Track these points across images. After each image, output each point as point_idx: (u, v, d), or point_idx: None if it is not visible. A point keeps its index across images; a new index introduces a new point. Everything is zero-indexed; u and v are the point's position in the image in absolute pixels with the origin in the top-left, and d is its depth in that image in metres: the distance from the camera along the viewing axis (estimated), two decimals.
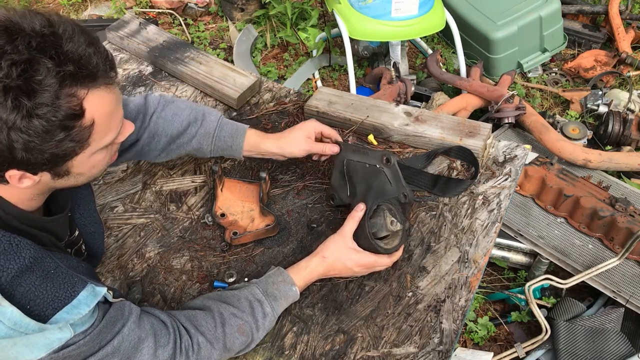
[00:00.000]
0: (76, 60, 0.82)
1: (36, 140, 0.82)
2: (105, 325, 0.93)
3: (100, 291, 0.91)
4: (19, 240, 0.86)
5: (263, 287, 1.16)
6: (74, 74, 0.82)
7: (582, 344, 1.87)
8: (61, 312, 0.86)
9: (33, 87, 0.79)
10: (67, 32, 0.83)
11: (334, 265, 1.21)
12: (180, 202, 1.45)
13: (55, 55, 0.80)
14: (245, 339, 1.11)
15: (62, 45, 0.82)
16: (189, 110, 1.34)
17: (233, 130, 1.36)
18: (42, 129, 0.81)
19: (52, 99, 0.80)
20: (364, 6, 2.54)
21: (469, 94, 2.59)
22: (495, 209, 1.39)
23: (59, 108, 0.81)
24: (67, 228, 1.08)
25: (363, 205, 1.23)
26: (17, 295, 0.83)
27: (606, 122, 2.57)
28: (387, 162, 1.27)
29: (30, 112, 0.79)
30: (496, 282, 2.22)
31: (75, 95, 0.83)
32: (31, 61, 0.79)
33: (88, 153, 0.90)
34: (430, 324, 1.21)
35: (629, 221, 1.94)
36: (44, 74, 0.79)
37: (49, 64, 0.80)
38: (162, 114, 1.32)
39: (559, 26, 3.01)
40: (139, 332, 0.98)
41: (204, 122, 1.34)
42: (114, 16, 3.36)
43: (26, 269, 0.85)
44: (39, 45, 0.80)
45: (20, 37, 0.79)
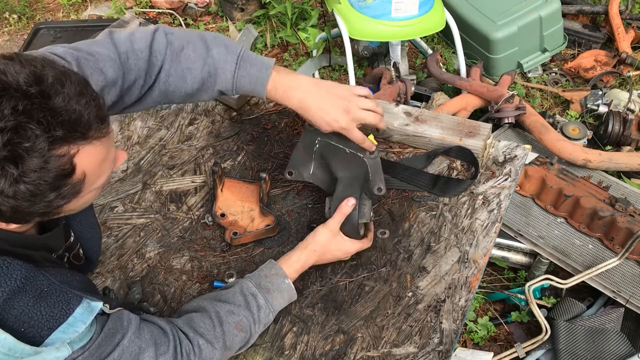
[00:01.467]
0: (65, 121, 0.78)
1: (25, 204, 0.79)
2: (104, 338, 0.92)
3: (96, 306, 0.89)
4: (8, 262, 0.83)
5: (256, 280, 1.17)
6: (64, 137, 0.78)
7: (582, 344, 1.87)
8: (57, 332, 0.84)
9: (20, 154, 0.75)
10: (54, 85, 0.78)
11: (324, 256, 1.24)
12: (180, 202, 1.45)
13: (43, 119, 0.75)
14: (244, 335, 1.11)
15: (51, 104, 0.77)
16: (201, 63, 1.16)
17: (251, 86, 1.20)
18: (30, 193, 0.78)
19: (41, 164, 0.77)
20: (364, 6, 2.54)
21: (469, 94, 2.59)
22: (495, 209, 1.39)
23: (48, 171, 0.78)
24: (62, 239, 1.06)
25: (354, 201, 1.24)
26: (11, 319, 0.82)
27: (606, 122, 2.57)
28: (371, 153, 1.28)
29: (17, 179, 0.76)
30: (496, 282, 2.22)
31: (65, 155, 0.79)
32: (17, 128, 0.74)
33: (79, 198, 0.88)
34: (430, 324, 1.21)
35: (629, 221, 1.94)
36: (32, 140, 0.75)
37: (37, 130, 0.75)
38: (171, 70, 1.15)
39: (559, 26, 3.01)
40: (139, 342, 0.97)
41: (218, 78, 1.18)
42: (114, 16, 3.36)
43: (18, 290, 0.83)
44: (26, 109, 0.75)
45: (5, 99, 0.74)
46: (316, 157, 1.35)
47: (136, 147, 1.57)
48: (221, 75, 1.18)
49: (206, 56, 1.16)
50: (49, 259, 1.00)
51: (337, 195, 1.27)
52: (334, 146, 1.31)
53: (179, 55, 1.15)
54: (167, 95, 1.19)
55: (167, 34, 1.17)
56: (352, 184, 1.29)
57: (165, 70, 1.15)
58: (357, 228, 1.24)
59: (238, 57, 1.18)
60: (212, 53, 1.17)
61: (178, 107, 1.67)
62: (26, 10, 3.52)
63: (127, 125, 1.62)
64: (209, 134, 1.59)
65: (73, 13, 3.53)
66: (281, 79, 1.21)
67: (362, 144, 1.26)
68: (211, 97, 1.23)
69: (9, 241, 0.89)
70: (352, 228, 1.24)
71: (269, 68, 1.19)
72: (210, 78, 1.18)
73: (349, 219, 1.23)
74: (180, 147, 1.57)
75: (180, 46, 1.16)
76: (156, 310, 1.24)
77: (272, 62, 1.21)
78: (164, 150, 1.56)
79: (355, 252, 1.27)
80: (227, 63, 1.17)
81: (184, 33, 1.18)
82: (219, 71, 1.18)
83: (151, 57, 1.14)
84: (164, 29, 1.17)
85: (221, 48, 1.18)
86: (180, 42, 1.16)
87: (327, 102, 1.22)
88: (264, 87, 1.20)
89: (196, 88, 1.19)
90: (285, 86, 1.21)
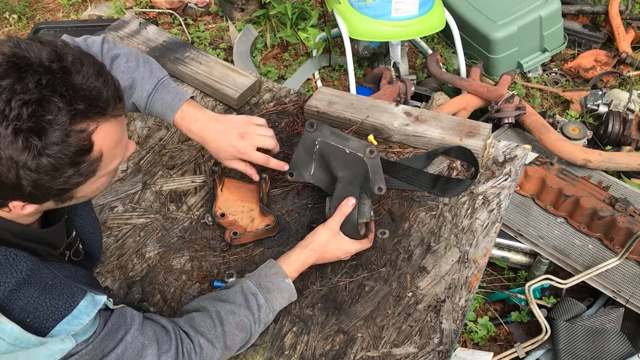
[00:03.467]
0: (87, 96, 0.82)
1: (45, 177, 0.82)
2: (107, 333, 0.93)
3: (100, 299, 0.91)
4: (15, 254, 0.85)
5: (256, 280, 1.17)
6: (85, 111, 0.82)
7: (582, 344, 1.87)
8: (61, 323, 0.85)
9: (43, 126, 0.78)
10: (75, 63, 0.82)
11: (324, 255, 1.24)
12: (180, 202, 1.45)
13: (66, 93, 0.79)
14: (244, 335, 1.12)
15: (72, 80, 0.81)
16: (127, 75, 1.27)
17: (162, 110, 1.29)
18: (52, 167, 0.81)
19: (62, 138, 0.80)
20: (364, 6, 2.54)
21: (469, 94, 2.59)
22: (495, 209, 1.39)
23: (69, 145, 0.81)
24: (64, 234, 1.08)
25: (354, 200, 1.24)
26: (16, 309, 0.83)
27: (606, 122, 2.57)
28: (371, 153, 1.29)
29: (40, 151, 0.79)
30: (496, 282, 2.22)
31: (85, 130, 0.83)
32: (41, 101, 0.78)
33: (93, 180, 0.91)
34: (430, 324, 1.21)
35: (629, 221, 1.94)
36: (54, 113, 0.78)
37: (59, 103, 0.79)
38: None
39: (559, 26, 3.01)
40: (142, 339, 0.98)
41: (134, 93, 1.28)
42: (114, 16, 3.36)
43: (24, 282, 0.84)
44: (49, 83, 0.79)
45: (29, 74, 0.78)
46: (316, 157, 1.35)
47: (136, 147, 1.57)
48: (138, 92, 1.28)
49: (133, 71, 1.27)
50: (53, 254, 1.01)
51: (337, 195, 1.27)
52: (334, 146, 1.32)
53: (112, 62, 1.27)
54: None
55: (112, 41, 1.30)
56: (351, 183, 1.29)
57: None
58: (356, 227, 1.24)
59: (158, 82, 1.28)
60: (139, 70, 1.28)
61: None
62: (26, 10, 3.52)
63: (127, 125, 1.62)
64: None
65: (73, 13, 3.53)
66: (189, 111, 1.29)
67: (267, 164, 1.33)
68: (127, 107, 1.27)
69: (16, 233, 0.91)
70: (352, 227, 1.24)
71: (182, 99, 1.29)
72: (129, 90, 1.27)
73: (349, 218, 1.23)
74: (180, 147, 1.57)
75: (117, 54, 1.28)
76: (156, 310, 1.24)
77: (188, 95, 1.30)
78: (164, 150, 1.56)
79: (355, 252, 1.27)
80: (147, 83, 1.28)
81: (124, 46, 1.31)
82: (137, 87, 1.27)
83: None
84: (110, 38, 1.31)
85: (147, 70, 1.29)
86: (117, 51, 1.28)
87: (224, 133, 1.29)
88: (173, 114, 1.28)
89: None
90: (190, 118, 1.29)
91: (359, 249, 1.27)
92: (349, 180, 1.30)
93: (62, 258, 1.07)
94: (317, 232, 1.24)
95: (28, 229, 0.95)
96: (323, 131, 1.33)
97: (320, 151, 1.34)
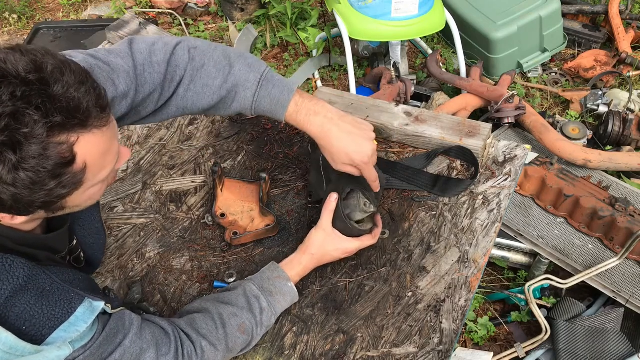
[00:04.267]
0: (64, 108, 0.77)
1: (25, 192, 0.78)
2: (105, 338, 0.92)
3: (97, 306, 0.89)
4: (12, 260, 0.84)
5: (259, 283, 1.17)
6: (63, 123, 0.77)
7: (582, 344, 1.87)
8: (58, 331, 0.84)
9: (19, 140, 0.74)
10: (54, 73, 0.77)
11: (323, 258, 1.23)
12: (180, 202, 1.45)
13: (42, 105, 0.75)
14: (246, 338, 1.11)
15: (49, 91, 0.76)
16: (221, 80, 1.12)
17: (271, 107, 1.15)
18: (30, 180, 0.77)
19: (39, 151, 0.76)
20: (364, 6, 2.54)
21: (469, 94, 2.59)
22: (495, 209, 1.39)
23: (47, 158, 0.77)
24: (66, 240, 1.06)
25: (335, 195, 1.23)
26: (12, 317, 0.82)
27: (606, 122, 2.57)
28: None
29: (16, 165, 0.75)
30: (496, 282, 2.22)
31: (65, 142, 0.78)
32: (15, 114, 0.73)
33: (82, 191, 0.86)
34: (430, 324, 1.21)
35: (629, 221, 1.94)
36: (30, 126, 0.74)
37: (35, 116, 0.74)
38: (190, 86, 1.12)
39: (559, 26, 3.01)
40: (141, 343, 0.97)
41: (237, 96, 1.14)
42: (114, 16, 3.36)
43: (20, 288, 0.83)
44: (24, 95, 0.74)
45: (3, 85, 0.74)
46: (324, 174, 1.35)
47: (136, 147, 1.57)
48: (241, 93, 1.13)
49: (228, 73, 1.12)
50: (52, 259, 1.00)
51: (325, 197, 1.27)
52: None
53: (199, 72, 1.12)
54: (185, 109, 1.16)
55: (190, 48, 1.13)
56: (337, 182, 1.29)
57: (185, 85, 1.12)
58: (346, 222, 1.21)
59: (261, 77, 1.13)
60: (234, 70, 1.13)
61: None
62: (26, 10, 3.52)
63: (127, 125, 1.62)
64: (209, 134, 1.59)
65: (73, 13, 3.53)
66: (305, 103, 1.15)
67: (374, 183, 1.23)
68: (226, 114, 1.19)
69: (13, 239, 0.89)
70: (342, 222, 1.22)
71: (292, 91, 1.15)
72: (229, 95, 1.14)
73: (337, 214, 1.22)
74: (180, 147, 1.57)
75: (202, 62, 1.12)
76: (156, 310, 1.24)
77: (295, 86, 1.17)
78: (164, 150, 1.56)
79: (356, 249, 1.25)
80: (249, 82, 1.13)
81: (207, 47, 1.14)
82: (240, 89, 1.13)
83: (168, 71, 1.11)
84: (187, 43, 1.13)
85: (244, 66, 1.13)
86: (202, 58, 1.12)
87: (352, 135, 1.15)
88: (285, 109, 1.14)
89: (213, 104, 1.14)
90: (309, 110, 1.15)
91: (360, 246, 1.25)
92: (336, 180, 1.30)
93: (61, 262, 1.06)
94: (311, 236, 1.23)
95: (29, 235, 0.93)
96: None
97: (324, 167, 1.34)
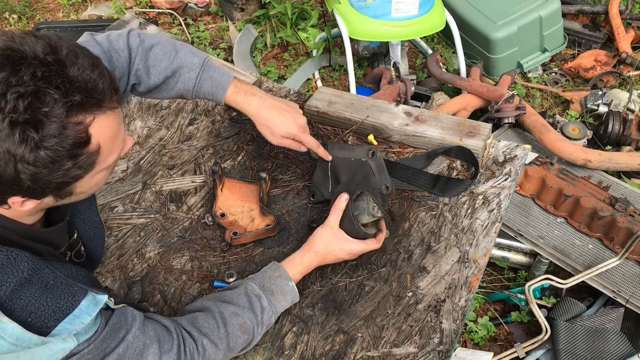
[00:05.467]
0: (83, 88, 0.81)
1: (43, 171, 0.81)
2: (108, 332, 0.93)
3: (101, 299, 0.91)
4: (16, 254, 0.85)
5: (260, 282, 1.17)
6: (81, 102, 0.81)
7: (582, 344, 1.87)
8: (63, 323, 0.85)
9: (40, 119, 0.78)
10: (70, 56, 0.82)
11: (327, 257, 1.24)
12: (180, 202, 1.45)
13: (61, 85, 0.79)
14: (247, 337, 1.11)
15: (67, 72, 0.80)
16: (167, 62, 1.26)
17: (212, 89, 1.30)
18: (50, 159, 0.80)
19: (59, 130, 0.79)
20: (364, 6, 2.54)
21: (469, 94, 2.59)
22: (495, 209, 1.39)
23: (66, 137, 0.80)
24: (65, 235, 1.08)
25: (346, 195, 1.24)
26: (18, 309, 0.83)
27: (606, 122, 2.57)
28: (373, 155, 1.33)
29: (38, 144, 0.78)
30: (496, 282, 2.22)
31: (82, 123, 0.82)
32: (37, 93, 0.77)
33: (92, 174, 0.90)
34: (430, 324, 1.21)
35: (629, 221, 1.94)
36: (50, 105, 0.78)
37: (55, 95, 0.78)
38: (140, 65, 1.25)
39: (559, 26, 3.01)
40: (144, 338, 0.98)
41: (181, 77, 1.28)
42: (114, 16, 3.36)
43: (25, 281, 0.84)
44: (44, 75, 0.78)
45: (24, 66, 0.78)
46: (331, 175, 1.38)
47: (136, 147, 1.57)
48: (185, 75, 1.27)
49: (174, 57, 1.26)
50: (54, 254, 1.01)
51: (334, 197, 1.28)
52: (342, 159, 1.37)
53: (148, 52, 1.25)
54: (134, 88, 1.27)
55: (139, 34, 1.27)
56: (348, 183, 1.30)
57: (136, 64, 1.24)
58: (354, 223, 1.22)
59: (204, 62, 1.29)
60: (179, 54, 1.27)
61: (178, 107, 1.67)
62: (26, 10, 3.52)
63: (127, 125, 1.62)
64: (209, 134, 1.59)
65: (73, 13, 3.53)
66: (242, 86, 1.32)
67: (317, 149, 1.36)
68: (169, 96, 1.31)
69: (18, 232, 0.91)
70: (350, 223, 1.23)
71: (231, 76, 1.30)
72: (174, 76, 1.27)
73: (346, 214, 1.23)
74: (180, 147, 1.57)
75: (151, 45, 1.26)
76: (156, 310, 1.24)
77: (233, 73, 1.31)
78: (164, 150, 1.56)
79: (360, 252, 1.25)
80: (193, 64, 1.27)
81: (154, 35, 1.30)
82: (184, 70, 1.26)
83: (130, 55, 1.24)
84: (137, 31, 1.28)
85: (188, 52, 1.28)
86: (150, 42, 1.26)
87: (284, 109, 1.33)
88: (225, 91, 1.29)
89: (159, 83, 1.26)
90: (247, 92, 1.31)
91: (364, 249, 1.25)
92: (347, 181, 1.32)
93: (62, 258, 1.07)
94: (317, 233, 1.24)
95: (31, 228, 0.95)
96: (333, 149, 1.39)
97: (332, 168, 1.37)
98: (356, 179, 1.31)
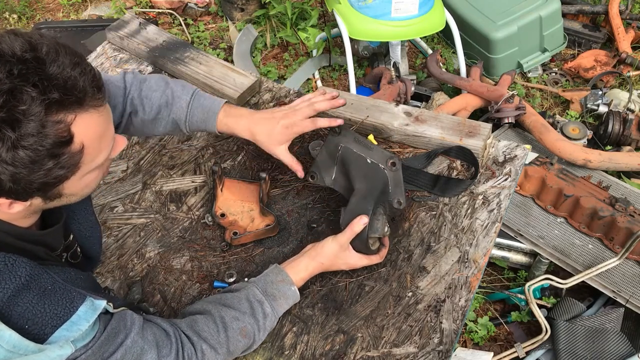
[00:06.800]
0: (61, 85, 0.78)
1: (23, 171, 0.79)
2: (107, 338, 0.92)
3: (99, 305, 0.90)
4: (14, 259, 0.84)
5: (262, 286, 1.16)
6: (60, 100, 0.78)
7: (582, 344, 1.87)
8: (60, 330, 0.84)
9: (17, 117, 0.75)
10: (50, 54, 0.79)
11: (330, 268, 1.24)
12: (180, 202, 1.45)
13: (39, 82, 0.76)
14: (247, 342, 1.11)
15: (46, 69, 0.78)
16: (159, 93, 1.30)
17: (204, 116, 1.32)
18: (29, 159, 0.78)
19: (38, 129, 0.77)
20: (364, 6, 2.54)
21: (469, 94, 2.59)
22: (495, 209, 1.39)
23: (45, 137, 0.78)
24: (61, 237, 1.06)
25: (366, 219, 1.21)
26: (15, 316, 0.82)
27: (606, 122, 2.57)
28: (393, 165, 1.25)
29: (15, 143, 0.76)
30: (496, 282, 2.22)
31: (62, 121, 0.79)
32: (13, 91, 0.75)
33: (79, 175, 0.87)
34: (430, 324, 1.21)
35: (629, 221, 1.94)
36: (28, 103, 0.75)
37: (32, 93, 0.76)
38: (135, 94, 1.28)
39: (559, 26, 3.01)
40: (142, 343, 0.97)
41: (173, 107, 1.30)
42: (114, 16, 3.36)
43: (23, 288, 0.83)
44: (21, 73, 0.76)
45: (0, 64, 0.75)
46: (338, 163, 1.32)
47: (136, 147, 1.57)
48: (177, 104, 1.30)
49: (165, 88, 1.31)
50: (51, 256, 1.00)
51: (350, 208, 1.24)
52: (356, 154, 1.28)
53: (141, 84, 1.30)
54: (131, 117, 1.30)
55: (133, 70, 1.35)
56: (366, 197, 1.25)
57: (131, 95, 1.28)
58: (366, 244, 1.22)
59: (193, 92, 1.33)
60: (170, 86, 1.32)
61: None
62: (26, 10, 3.52)
63: None
64: (209, 134, 1.59)
65: (73, 13, 3.53)
66: (232, 109, 1.34)
67: (316, 125, 1.32)
68: (166, 128, 1.33)
69: (13, 234, 0.90)
70: (361, 243, 1.22)
71: (221, 102, 1.33)
72: (167, 107, 1.30)
73: (360, 235, 1.22)
74: (180, 147, 1.57)
75: (144, 78, 1.32)
76: (156, 310, 1.24)
77: (224, 100, 1.34)
78: (164, 150, 1.56)
79: (362, 266, 1.26)
80: (183, 94, 1.31)
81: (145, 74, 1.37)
82: (175, 100, 1.30)
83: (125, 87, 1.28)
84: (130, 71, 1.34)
85: (178, 84, 1.33)
86: (144, 76, 1.33)
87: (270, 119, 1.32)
88: (216, 115, 1.31)
89: (153, 115, 1.30)
90: (236, 114, 1.33)
91: (367, 264, 1.25)
92: (365, 194, 1.26)
93: (59, 260, 1.06)
94: (326, 245, 1.22)
95: (26, 230, 0.94)
96: (347, 137, 1.31)
97: (342, 157, 1.31)
98: (375, 193, 1.25)
